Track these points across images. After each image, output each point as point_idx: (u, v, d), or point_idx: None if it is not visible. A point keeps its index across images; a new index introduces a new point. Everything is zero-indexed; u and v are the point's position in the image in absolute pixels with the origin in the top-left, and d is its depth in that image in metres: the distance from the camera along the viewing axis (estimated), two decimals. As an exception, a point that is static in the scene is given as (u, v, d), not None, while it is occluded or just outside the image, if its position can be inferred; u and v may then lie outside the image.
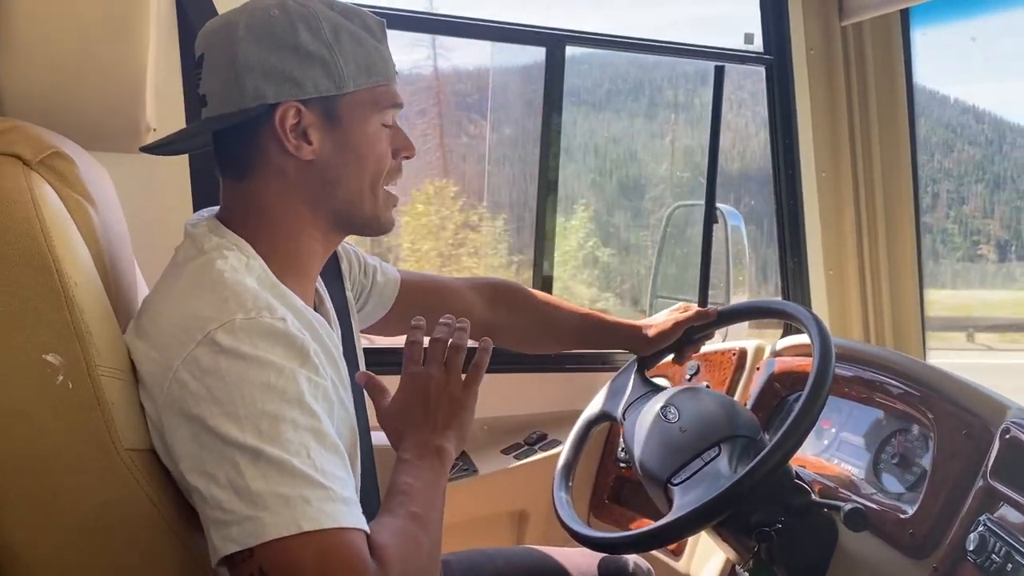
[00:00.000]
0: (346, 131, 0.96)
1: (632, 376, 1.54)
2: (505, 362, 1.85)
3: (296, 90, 0.92)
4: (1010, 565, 1.10)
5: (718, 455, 1.28)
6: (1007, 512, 1.16)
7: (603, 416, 1.52)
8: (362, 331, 1.24)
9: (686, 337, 1.54)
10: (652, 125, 4.87)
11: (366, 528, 0.80)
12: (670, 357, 1.57)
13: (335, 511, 0.77)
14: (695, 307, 1.57)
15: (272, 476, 0.77)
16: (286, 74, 0.92)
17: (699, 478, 1.26)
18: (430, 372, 1.02)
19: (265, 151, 0.94)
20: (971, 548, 1.16)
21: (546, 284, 2.15)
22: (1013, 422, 1.21)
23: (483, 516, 1.94)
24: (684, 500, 1.23)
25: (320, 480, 0.78)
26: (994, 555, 1.12)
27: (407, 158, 1.03)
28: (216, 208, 1.01)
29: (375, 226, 1.02)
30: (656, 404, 1.40)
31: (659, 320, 1.55)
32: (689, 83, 4.50)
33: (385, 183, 1.01)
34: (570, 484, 1.46)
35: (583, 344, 1.59)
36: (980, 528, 1.17)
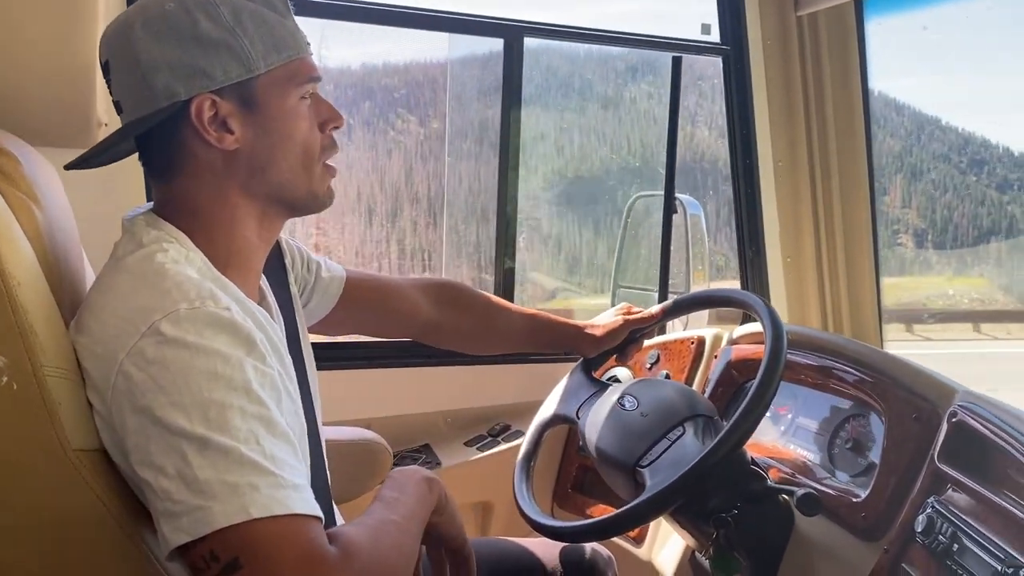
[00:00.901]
0: (265, 113, 0.94)
1: (581, 376, 1.55)
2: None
3: (207, 81, 0.90)
4: (956, 545, 1.12)
5: (683, 433, 1.30)
6: (954, 494, 1.19)
7: (557, 419, 1.52)
8: (308, 329, 1.23)
9: (630, 336, 1.56)
10: (581, 120, 4.90)
11: (319, 514, 0.80)
12: (613, 357, 1.59)
13: (285, 497, 0.77)
14: (636, 308, 1.59)
15: (220, 464, 0.76)
16: (193, 67, 0.90)
17: (669, 456, 1.27)
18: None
19: (188, 148, 0.93)
20: (919, 530, 1.19)
21: (508, 276, 2.16)
22: (960, 405, 1.24)
23: (447, 508, 1.95)
24: (658, 478, 1.24)
25: (269, 467, 0.78)
26: (941, 536, 1.15)
27: (336, 128, 1.01)
28: (151, 203, 0.99)
29: (313, 204, 1.01)
30: (611, 396, 1.42)
31: (605, 320, 1.56)
32: (619, 78, 4.53)
33: (321, 159, 1.00)
34: (531, 476, 1.46)
35: (529, 345, 1.57)
36: (928, 510, 1.19)
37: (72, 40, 1.28)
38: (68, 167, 0.99)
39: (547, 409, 1.55)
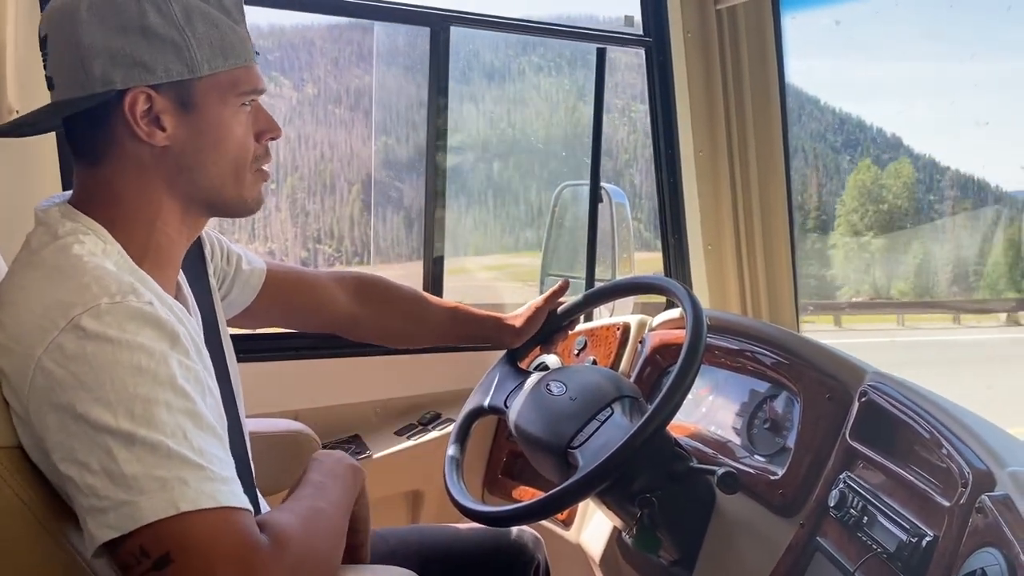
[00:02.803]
0: (202, 116, 0.93)
1: (506, 367, 1.57)
2: (395, 343, 1.85)
3: (146, 75, 0.89)
4: (866, 517, 1.19)
5: (612, 414, 1.34)
6: (864, 470, 1.26)
7: (484, 410, 1.54)
8: (227, 321, 1.22)
9: (554, 324, 1.58)
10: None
11: (249, 507, 0.80)
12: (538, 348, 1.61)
13: (215, 491, 0.77)
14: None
15: (147, 459, 0.76)
16: (135, 58, 0.88)
17: (600, 435, 1.30)
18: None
19: (117, 137, 0.91)
20: (832, 504, 1.25)
21: (437, 264, 2.16)
22: (870, 385, 1.30)
23: (377, 498, 1.92)
24: (589, 457, 1.27)
25: (198, 461, 0.77)
26: (852, 510, 1.21)
27: (273, 139, 1.01)
28: (67, 193, 0.97)
29: (241, 208, 1.00)
30: (538, 384, 1.44)
31: (522, 310, 1.58)
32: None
33: (253, 167, 0.99)
34: (460, 465, 1.48)
35: (451, 339, 1.57)
36: (840, 486, 1.25)
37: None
38: None
39: (474, 400, 1.56)
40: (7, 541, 0.83)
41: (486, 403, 1.53)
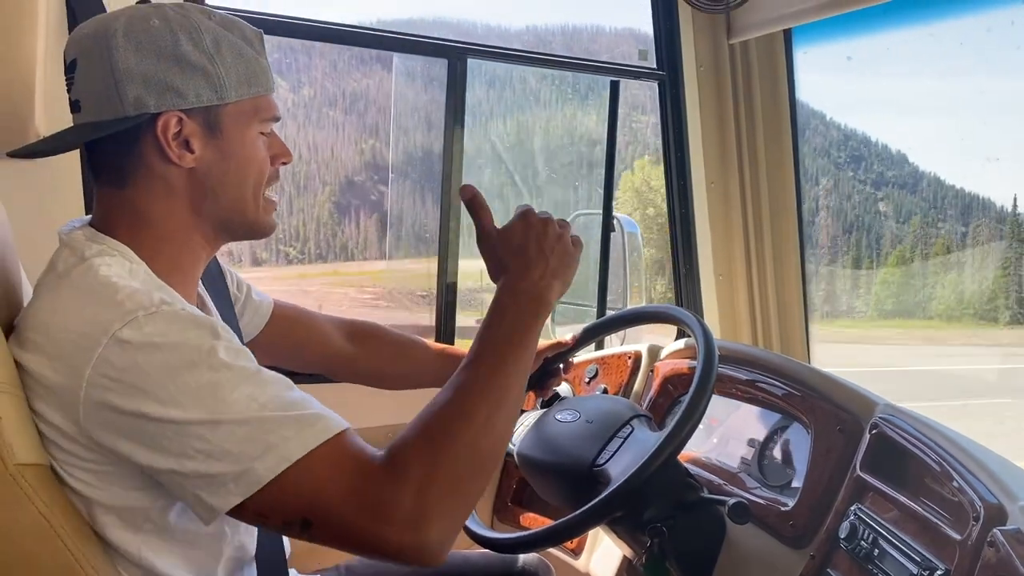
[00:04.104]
0: (227, 140, 0.97)
1: None
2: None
3: (178, 100, 0.93)
4: (877, 550, 1.19)
5: (633, 431, 1.35)
6: (874, 502, 1.26)
7: None
8: None
9: (545, 368, 1.57)
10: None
11: (346, 424, 0.85)
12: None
13: (314, 430, 0.83)
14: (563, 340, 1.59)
15: (239, 432, 0.81)
16: (168, 84, 0.92)
17: (626, 450, 1.31)
18: (549, 219, 1.02)
19: (146, 159, 0.94)
20: (843, 536, 1.25)
21: (450, 291, 2.18)
22: (880, 417, 1.31)
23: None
24: (621, 470, 1.27)
25: (284, 414, 0.82)
26: (863, 542, 1.21)
27: (284, 164, 1.06)
28: (87, 217, 1.00)
29: (256, 231, 1.04)
30: (545, 416, 1.45)
31: None
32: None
33: (265, 189, 1.03)
34: None
35: (443, 382, 1.58)
36: (851, 518, 1.26)
37: (12, 52, 1.26)
38: (13, 154, 0.99)
39: None
40: (28, 556, 0.85)
41: None
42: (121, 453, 0.84)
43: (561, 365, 1.59)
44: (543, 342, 1.57)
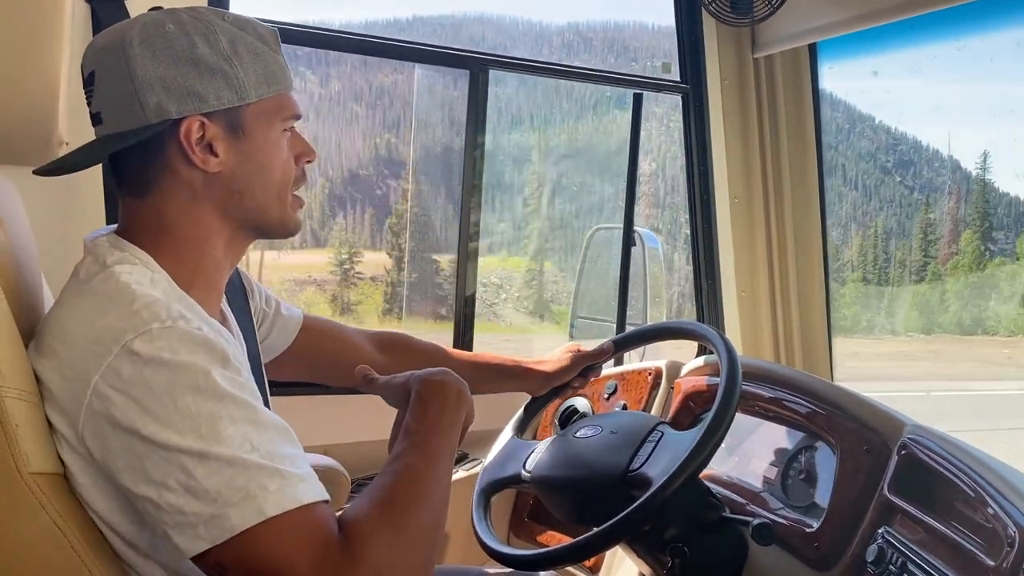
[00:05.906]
0: (250, 141, 0.96)
1: (513, 440, 1.53)
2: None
3: (199, 104, 0.92)
4: (905, 574, 1.15)
5: (663, 435, 1.32)
6: (903, 525, 1.22)
7: (504, 483, 1.48)
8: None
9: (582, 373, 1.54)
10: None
11: (326, 497, 0.83)
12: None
13: (295, 492, 0.80)
14: (581, 346, 1.58)
15: (225, 472, 0.78)
16: (188, 88, 0.91)
17: (661, 451, 1.27)
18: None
19: (170, 165, 0.94)
20: (870, 559, 1.21)
21: (469, 303, 2.17)
22: (909, 438, 1.28)
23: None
24: (659, 469, 1.23)
25: (272, 465, 0.80)
26: (891, 566, 1.18)
27: (308, 163, 1.05)
28: (114, 225, 0.99)
29: (283, 230, 1.04)
30: (563, 436, 1.42)
31: (555, 357, 1.54)
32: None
33: (292, 189, 1.03)
34: (489, 508, 1.46)
35: (475, 388, 1.57)
36: (879, 541, 1.22)
37: (37, 61, 1.27)
38: (39, 172, 0.99)
39: (491, 474, 1.50)
40: (40, 565, 0.84)
41: (503, 476, 1.47)
42: (108, 470, 0.82)
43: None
44: (583, 351, 1.55)
